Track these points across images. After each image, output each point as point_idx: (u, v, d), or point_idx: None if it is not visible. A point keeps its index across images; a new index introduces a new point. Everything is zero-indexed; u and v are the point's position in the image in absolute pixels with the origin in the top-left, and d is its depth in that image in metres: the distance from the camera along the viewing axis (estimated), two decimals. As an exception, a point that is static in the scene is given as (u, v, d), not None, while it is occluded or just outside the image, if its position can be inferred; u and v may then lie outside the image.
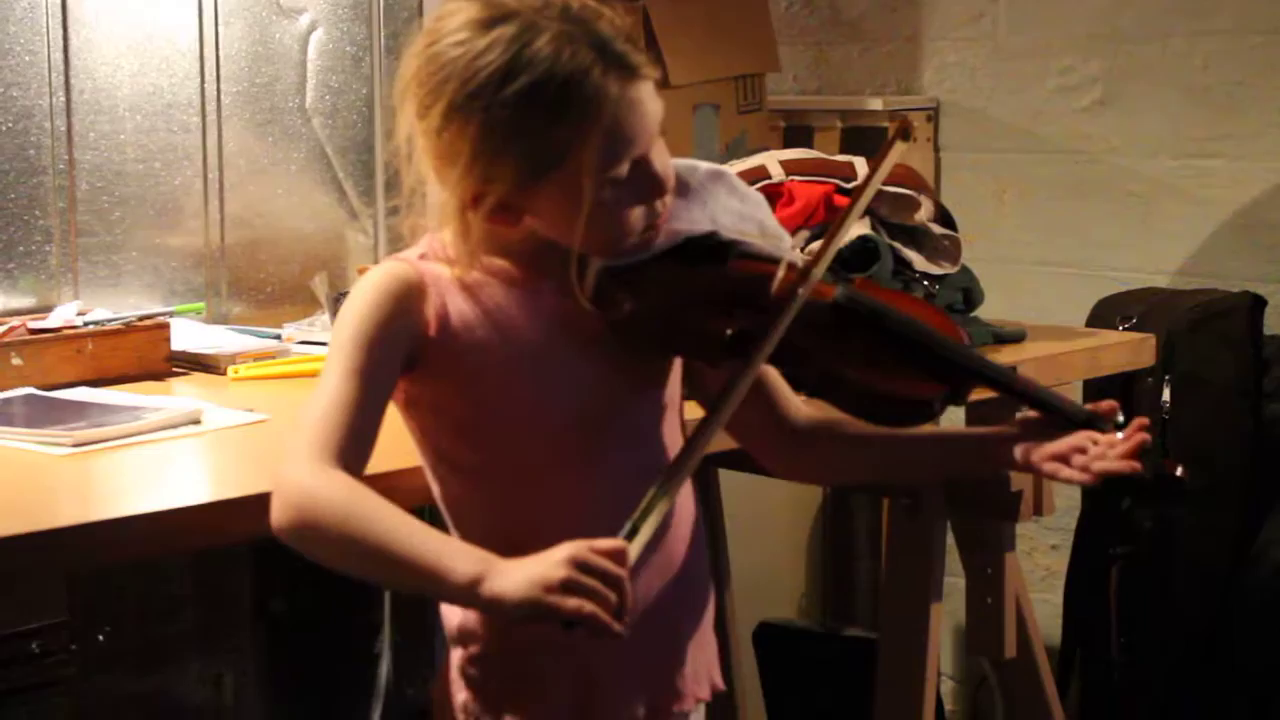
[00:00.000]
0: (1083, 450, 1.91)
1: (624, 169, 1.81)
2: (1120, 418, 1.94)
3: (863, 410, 1.94)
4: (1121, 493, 1.96)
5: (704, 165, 2.01)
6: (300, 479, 1.74)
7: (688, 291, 1.89)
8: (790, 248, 1.99)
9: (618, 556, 1.66)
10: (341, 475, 1.74)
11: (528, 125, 1.77)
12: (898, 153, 1.98)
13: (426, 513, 1.91)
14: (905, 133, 1.98)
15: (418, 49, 1.83)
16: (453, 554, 1.71)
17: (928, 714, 2.73)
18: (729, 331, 1.87)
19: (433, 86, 1.79)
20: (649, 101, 1.82)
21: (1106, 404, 1.95)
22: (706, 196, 1.97)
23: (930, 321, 1.95)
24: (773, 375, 2.01)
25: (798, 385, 2.01)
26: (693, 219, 1.93)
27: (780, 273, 1.89)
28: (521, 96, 1.76)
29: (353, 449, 1.78)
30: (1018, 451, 1.95)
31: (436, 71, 1.79)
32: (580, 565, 1.64)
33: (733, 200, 1.99)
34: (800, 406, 2.04)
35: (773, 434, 2.04)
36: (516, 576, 1.66)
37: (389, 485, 1.98)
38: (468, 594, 1.69)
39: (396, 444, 1.93)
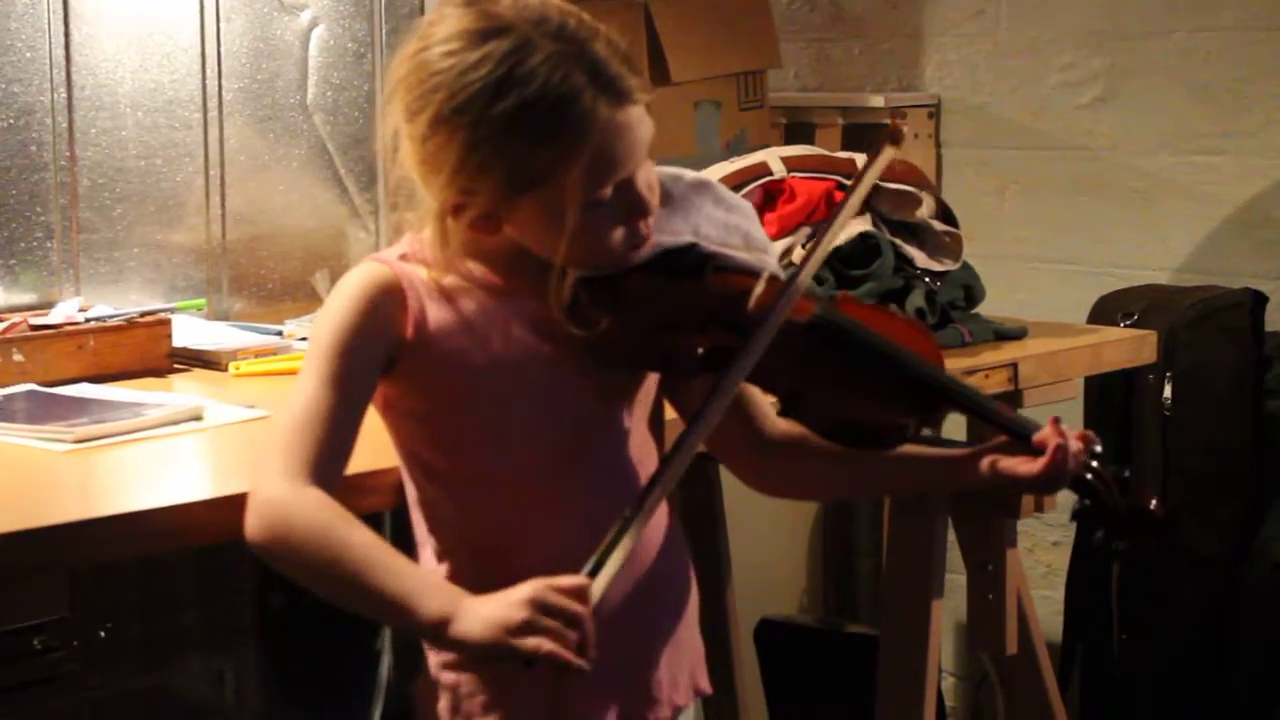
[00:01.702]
0: None
1: (608, 191, 1.79)
2: (1099, 447, 1.94)
3: (832, 432, 1.93)
4: (1096, 525, 1.95)
5: (688, 175, 1.99)
6: (276, 495, 1.74)
7: (663, 306, 1.87)
8: (775, 260, 1.97)
9: (579, 594, 1.66)
10: (318, 495, 1.74)
11: (514, 144, 1.76)
12: (887, 157, 1.96)
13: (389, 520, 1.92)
14: (895, 138, 1.97)
15: (408, 52, 1.81)
16: (422, 592, 1.71)
17: (929, 710, 2.73)
18: (701, 349, 1.86)
19: (421, 93, 1.78)
20: (638, 125, 1.80)
21: (1082, 434, 1.94)
22: (689, 207, 1.96)
23: (911, 342, 1.93)
24: (750, 389, 2.00)
25: (769, 396, 2.00)
26: (674, 229, 1.92)
27: (759, 288, 1.88)
28: (509, 115, 1.75)
29: (329, 462, 1.78)
30: (984, 467, 1.95)
31: (426, 79, 1.78)
32: (540, 605, 1.65)
33: (717, 210, 1.98)
34: (776, 421, 2.03)
35: (746, 447, 2.04)
36: (480, 616, 1.67)
37: (366, 485, 1.99)
38: (433, 633, 1.71)
39: (374, 444, 1.93)
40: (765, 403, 2.02)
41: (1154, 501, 1.91)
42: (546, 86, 1.74)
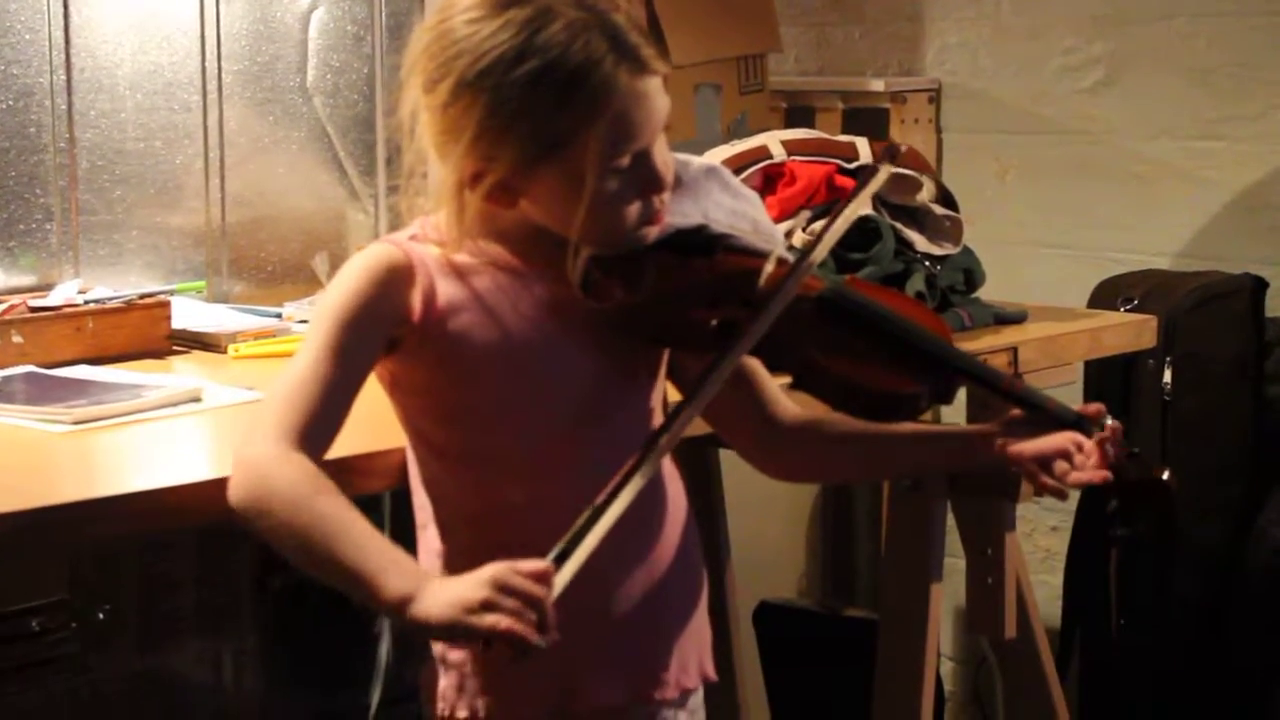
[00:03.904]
0: (1066, 454, 1.92)
1: (625, 160, 1.81)
2: (1109, 419, 1.94)
3: (845, 403, 1.95)
4: (1108, 497, 1.96)
5: (697, 161, 2.02)
6: (261, 458, 1.74)
7: (675, 282, 1.89)
8: (783, 245, 1.99)
9: (541, 579, 1.66)
10: (303, 461, 1.74)
11: (536, 106, 1.77)
12: (884, 174, 2.01)
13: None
14: (892, 154, 2.02)
15: (430, 24, 1.83)
16: (387, 569, 1.70)
17: (927, 694, 2.73)
18: (715, 322, 1.87)
19: (443, 61, 1.79)
20: (656, 96, 1.82)
21: (1094, 406, 1.95)
22: (699, 192, 1.98)
23: (920, 320, 1.96)
24: (762, 375, 2.02)
25: (781, 374, 2.01)
26: (684, 212, 1.94)
27: (769, 267, 1.90)
28: (532, 77, 1.76)
29: (319, 430, 1.77)
30: (999, 445, 1.95)
31: (448, 47, 1.80)
32: (500, 586, 1.64)
33: (725, 196, 2.00)
34: (789, 406, 2.04)
35: (760, 432, 2.04)
36: (440, 597, 1.66)
37: (367, 467, 1.99)
38: (395, 612, 1.69)
39: (376, 425, 1.93)
40: (777, 388, 2.03)
41: (1166, 473, 1.92)
42: (569, 50, 1.77)
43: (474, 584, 1.65)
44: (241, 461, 1.75)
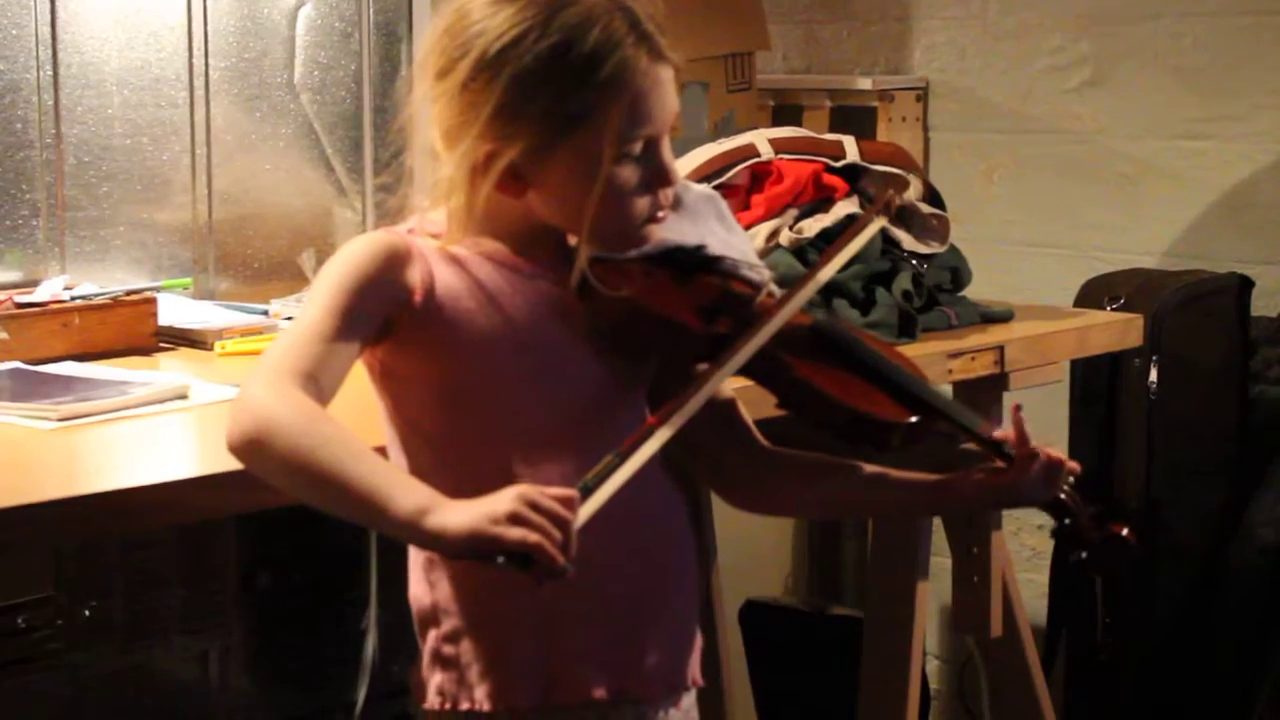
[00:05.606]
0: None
1: (638, 146, 1.83)
2: (1072, 478, 1.97)
3: (828, 423, 1.96)
4: (1073, 548, 1.99)
5: (697, 187, 2.06)
6: (261, 395, 1.72)
7: (675, 293, 1.91)
8: (770, 279, 2.01)
9: (567, 503, 1.65)
10: (303, 397, 1.72)
11: (556, 81, 1.79)
12: (876, 225, 2.06)
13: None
14: (888, 209, 2.07)
15: (449, 10, 1.85)
16: (398, 485, 1.68)
17: (913, 692, 2.74)
18: (722, 330, 1.89)
19: (463, 40, 1.81)
20: (670, 87, 1.85)
21: (1070, 464, 1.97)
22: (698, 217, 2.01)
23: (904, 365, 2.00)
24: (742, 407, 2.04)
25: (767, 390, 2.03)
26: (682, 232, 1.96)
27: (762, 296, 1.94)
28: (554, 52, 1.79)
29: (320, 380, 1.75)
30: (967, 483, 1.98)
31: (469, 26, 1.81)
32: (529, 502, 1.63)
33: (720, 227, 2.04)
34: (763, 440, 2.05)
35: (737, 461, 2.05)
36: (462, 510, 1.65)
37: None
38: (410, 526, 1.66)
39: (363, 423, 1.93)
40: (752, 425, 2.05)
41: (1125, 529, 1.95)
42: (590, 30, 1.79)
43: (500, 498, 1.64)
44: (239, 402, 1.73)
